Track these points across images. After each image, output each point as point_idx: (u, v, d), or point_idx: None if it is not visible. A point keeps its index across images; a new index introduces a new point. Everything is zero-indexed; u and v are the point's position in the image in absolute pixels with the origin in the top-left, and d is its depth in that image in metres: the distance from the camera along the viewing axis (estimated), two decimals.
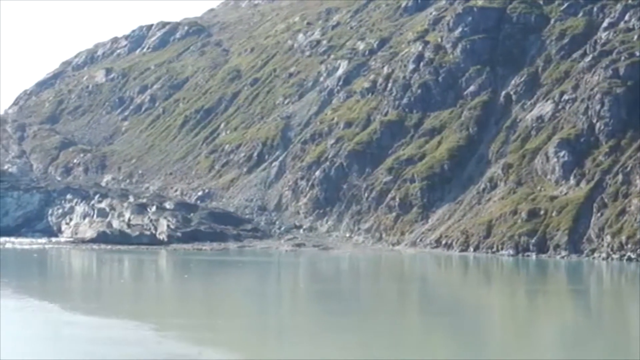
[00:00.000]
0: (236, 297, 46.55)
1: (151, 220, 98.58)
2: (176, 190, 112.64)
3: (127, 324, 30.86)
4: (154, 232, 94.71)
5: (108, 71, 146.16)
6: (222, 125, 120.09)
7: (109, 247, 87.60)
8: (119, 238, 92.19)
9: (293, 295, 46.24)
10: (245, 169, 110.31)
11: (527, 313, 41.66)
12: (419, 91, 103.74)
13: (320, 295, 46.73)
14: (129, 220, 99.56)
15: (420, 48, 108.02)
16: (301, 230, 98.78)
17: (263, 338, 30.15)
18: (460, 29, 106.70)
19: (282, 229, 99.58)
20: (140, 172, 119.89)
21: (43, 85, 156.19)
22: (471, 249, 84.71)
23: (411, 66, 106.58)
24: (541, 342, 30.85)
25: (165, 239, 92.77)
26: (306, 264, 74.92)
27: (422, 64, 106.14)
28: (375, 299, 47.26)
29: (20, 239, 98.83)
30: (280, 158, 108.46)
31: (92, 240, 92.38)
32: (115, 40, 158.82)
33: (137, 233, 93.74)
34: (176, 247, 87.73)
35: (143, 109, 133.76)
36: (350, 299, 45.80)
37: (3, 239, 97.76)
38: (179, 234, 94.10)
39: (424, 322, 35.92)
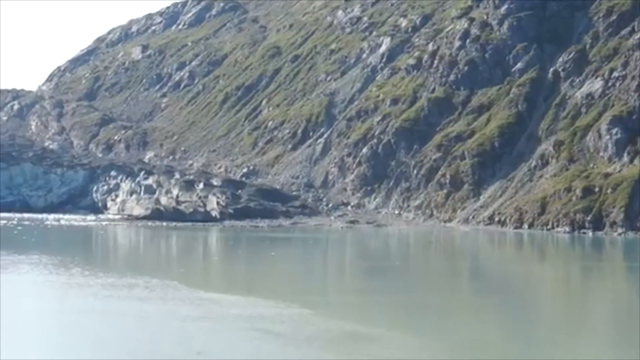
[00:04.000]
0: (331, 273, 47.01)
1: (200, 197, 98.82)
2: (220, 167, 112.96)
3: (262, 302, 31.16)
4: (206, 209, 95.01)
5: (144, 48, 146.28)
6: (264, 102, 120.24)
7: (163, 224, 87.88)
8: (173, 215, 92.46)
9: (384, 271, 46.59)
10: (289, 146, 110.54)
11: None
12: (466, 68, 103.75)
13: (408, 271, 47.09)
14: (177, 197, 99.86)
15: (465, 25, 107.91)
16: (349, 207, 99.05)
17: (397, 314, 30.49)
18: (506, 6, 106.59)
19: (330, 205, 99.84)
20: (182, 148, 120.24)
21: (77, 61, 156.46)
22: (525, 226, 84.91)
23: (457, 43, 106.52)
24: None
25: (218, 216, 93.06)
26: (370, 240, 75.30)
27: (468, 40, 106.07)
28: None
29: (67, 216, 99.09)
30: (325, 135, 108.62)
31: (146, 218, 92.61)
32: (149, 16, 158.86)
33: (191, 210, 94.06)
34: (233, 224, 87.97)
35: (182, 85, 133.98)
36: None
37: (52, 215, 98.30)
38: (230, 210, 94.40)
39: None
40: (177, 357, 21.74)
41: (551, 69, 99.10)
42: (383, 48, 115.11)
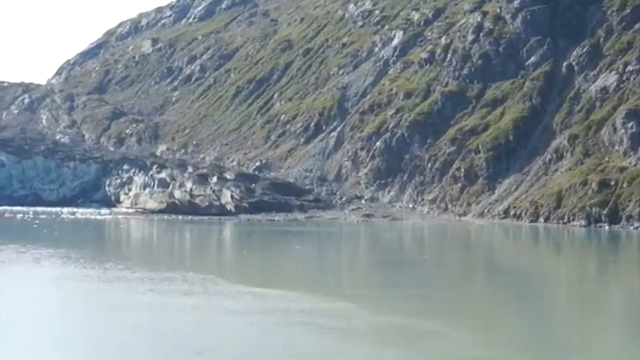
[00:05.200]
0: (361, 267, 47.23)
1: (214, 191, 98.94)
2: (233, 161, 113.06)
3: (305, 297, 31.32)
4: (221, 202, 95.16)
5: (154, 41, 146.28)
6: (276, 96, 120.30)
7: (179, 217, 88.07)
8: (188, 209, 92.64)
9: (413, 265, 46.85)
10: (302, 139, 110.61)
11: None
12: (480, 62, 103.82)
13: (433, 265, 47.31)
14: (191, 190, 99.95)
15: (479, 18, 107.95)
16: (363, 201, 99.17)
17: (442, 308, 30.67)
18: (519, 0, 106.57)
19: (344, 199, 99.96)
20: (194, 142, 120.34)
21: (87, 55, 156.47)
22: (541, 219, 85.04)
23: (470, 37, 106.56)
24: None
25: (233, 210, 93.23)
26: (388, 234, 75.51)
27: (481, 34, 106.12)
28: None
29: (81, 210, 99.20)
30: (338, 128, 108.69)
31: (161, 211, 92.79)
32: (159, 10, 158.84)
33: (206, 204, 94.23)
34: (249, 218, 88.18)
35: (193, 79, 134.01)
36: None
37: (65, 209, 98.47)
38: (245, 204, 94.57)
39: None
40: (222, 356, 21.75)
41: (565, 63, 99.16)
42: (395, 42, 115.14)
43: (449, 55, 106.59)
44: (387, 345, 23.12)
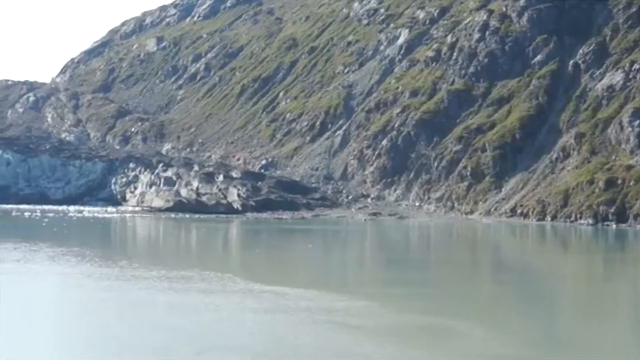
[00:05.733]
0: (376, 265, 47.36)
1: (220, 189, 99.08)
2: (238, 159, 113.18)
3: (325, 295, 31.41)
4: (228, 200, 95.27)
5: (159, 40, 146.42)
6: (281, 94, 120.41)
7: (186, 215, 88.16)
8: (195, 207, 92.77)
9: (428, 263, 46.99)
10: (308, 138, 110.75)
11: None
12: (486, 60, 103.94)
13: (448, 263, 47.43)
14: (197, 189, 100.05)
15: (485, 17, 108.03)
16: (369, 199, 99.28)
17: (463, 306, 30.78)
18: None
19: (350, 197, 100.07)
20: (200, 140, 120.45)
21: (91, 53, 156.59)
22: (548, 218, 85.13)
23: (476, 35, 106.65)
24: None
25: (240, 208, 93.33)
26: (397, 232, 75.62)
27: (487, 33, 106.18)
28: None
29: (88, 208, 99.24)
30: (344, 127, 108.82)
31: (168, 209, 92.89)
32: (163, 8, 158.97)
33: (214, 202, 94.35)
34: (256, 216, 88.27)
35: (198, 77, 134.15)
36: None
37: (72, 207, 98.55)
38: (252, 202, 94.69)
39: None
40: (230, 356, 21.80)
41: (571, 61, 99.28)
42: (401, 40, 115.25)
43: (454, 54, 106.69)
44: (416, 345, 23.22)
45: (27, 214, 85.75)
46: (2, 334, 23.46)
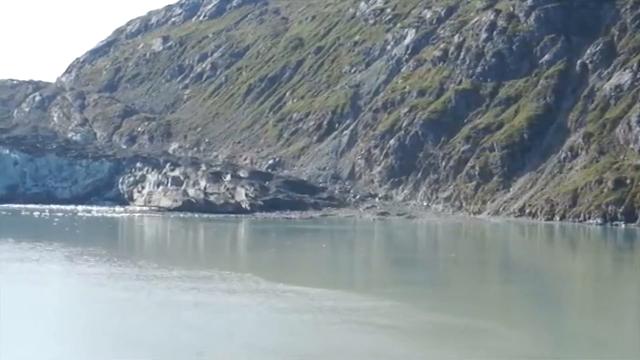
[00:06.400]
0: (393, 264, 47.48)
1: (228, 189, 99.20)
2: (245, 159, 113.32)
3: (348, 295, 31.55)
4: (236, 200, 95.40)
5: (165, 39, 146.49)
6: (288, 94, 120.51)
7: (195, 215, 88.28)
8: (204, 207, 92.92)
9: (443, 263, 47.09)
10: (315, 138, 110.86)
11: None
12: (493, 60, 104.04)
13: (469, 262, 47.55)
14: (205, 188, 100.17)
15: (492, 17, 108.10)
16: (376, 199, 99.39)
17: (486, 305, 30.90)
18: None
19: (357, 197, 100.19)
20: (207, 140, 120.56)
21: (97, 53, 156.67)
22: (557, 217, 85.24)
23: (484, 35, 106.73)
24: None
25: (248, 207, 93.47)
26: (407, 232, 75.75)
27: (495, 32, 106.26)
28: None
29: (96, 207, 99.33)
30: (351, 126, 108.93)
31: (177, 209, 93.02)
32: (169, 8, 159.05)
33: (222, 202, 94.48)
34: (265, 216, 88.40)
35: (204, 77, 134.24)
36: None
37: (80, 206, 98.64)
38: (260, 202, 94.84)
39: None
40: (268, 356, 21.91)
41: (579, 61, 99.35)
42: (408, 40, 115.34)
43: (462, 54, 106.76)
44: (451, 345, 23.30)
45: (36, 214, 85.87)
46: (38, 334, 23.59)
